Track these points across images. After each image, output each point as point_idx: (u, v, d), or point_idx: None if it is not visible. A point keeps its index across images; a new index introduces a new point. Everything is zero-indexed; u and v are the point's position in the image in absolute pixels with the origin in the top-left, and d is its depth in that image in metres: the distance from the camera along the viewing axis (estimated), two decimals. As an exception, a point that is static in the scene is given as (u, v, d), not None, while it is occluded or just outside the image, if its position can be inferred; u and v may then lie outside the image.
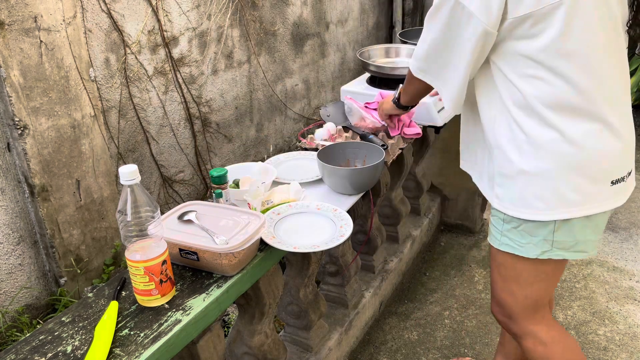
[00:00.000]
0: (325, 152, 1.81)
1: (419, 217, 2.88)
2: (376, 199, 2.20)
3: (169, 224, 1.40)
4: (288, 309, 1.94)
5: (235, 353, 1.69)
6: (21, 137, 2.02)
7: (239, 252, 1.31)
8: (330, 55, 4.17)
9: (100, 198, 2.35)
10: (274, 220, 1.54)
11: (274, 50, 3.50)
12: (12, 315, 2.19)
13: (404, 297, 2.64)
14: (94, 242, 2.36)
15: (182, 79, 2.83)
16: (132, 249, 1.19)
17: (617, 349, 2.28)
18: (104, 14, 2.36)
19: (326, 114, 2.15)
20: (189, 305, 1.24)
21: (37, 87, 2.03)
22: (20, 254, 2.19)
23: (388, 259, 2.53)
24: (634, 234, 3.03)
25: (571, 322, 2.43)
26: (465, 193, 3.02)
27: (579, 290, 2.62)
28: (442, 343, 2.35)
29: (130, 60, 2.53)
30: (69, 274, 2.29)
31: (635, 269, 2.75)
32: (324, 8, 3.95)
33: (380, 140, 1.96)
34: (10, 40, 1.92)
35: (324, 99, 4.19)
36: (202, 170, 3.07)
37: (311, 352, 1.98)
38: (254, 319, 1.60)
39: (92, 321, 1.21)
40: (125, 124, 2.56)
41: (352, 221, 1.53)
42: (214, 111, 3.09)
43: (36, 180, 2.09)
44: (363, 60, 2.31)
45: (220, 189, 1.55)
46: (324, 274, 2.18)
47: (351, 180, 1.70)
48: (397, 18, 5.06)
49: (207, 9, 2.90)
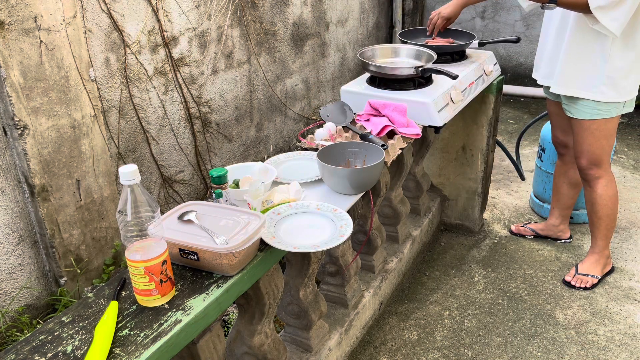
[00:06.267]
0: (325, 152, 1.81)
1: (419, 217, 2.88)
2: (376, 199, 2.20)
3: (169, 224, 1.40)
4: (288, 309, 1.94)
5: (235, 353, 1.69)
6: (21, 137, 2.02)
7: (239, 252, 1.31)
8: (330, 55, 4.17)
9: (100, 198, 2.35)
10: (274, 220, 1.54)
11: (274, 50, 3.50)
12: (12, 315, 2.19)
13: (404, 297, 2.64)
14: (94, 242, 2.36)
15: (182, 79, 2.83)
16: (132, 249, 1.19)
17: (617, 349, 2.28)
18: (104, 14, 2.36)
19: (326, 114, 2.15)
20: (189, 305, 1.24)
21: (37, 87, 2.03)
22: (20, 254, 2.19)
23: (388, 259, 2.53)
24: (634, 234, 3.03)
25: (571, 322, 2.43)
26: (465, 193, 3.02)
27: (579, 290, 2.62)
28: (442, 343, 2.35)
29: (130, 60, 2.53)
30: (69, 274, 2.29)
31: (635, 269, 2.75)
32: (324, 8, 3.96)
33: (380, 140, 1.96)
34: (10, 40, 1.92)
35: (324, 99, 4.20)
36: (202, 170, 3.07)
37: (311, 352, 1.98)
38: (254, 319, 1.60)
39: (92, 321, 1.21)
40: (125, 124, 2.56)
41: (352, 221, 1.53)
42: (214, 111, 3.09)
43: (36, 180, 2.09)
44: (363, 60, 2.31)
45: (220, 189, 1.55)
46: (324, 274, 2.18)
47: (351, 180, 1.70)
48: (397, 18, 5.06)
49: (207, 9, 2.90)
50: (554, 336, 2.36)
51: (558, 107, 2.60)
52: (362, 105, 2.23)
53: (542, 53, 2.54)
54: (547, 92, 2.60)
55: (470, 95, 2.44)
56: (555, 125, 2.72)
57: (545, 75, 2.52)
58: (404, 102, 2.16)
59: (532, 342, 2.33)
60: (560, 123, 2.67)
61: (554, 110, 2.65)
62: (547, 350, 2.29)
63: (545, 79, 2.53)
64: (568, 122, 2.57)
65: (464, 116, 2.81)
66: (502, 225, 3.18)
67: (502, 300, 2.59)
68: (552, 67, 2.45)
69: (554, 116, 2.68)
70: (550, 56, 2.46)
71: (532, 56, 5.06)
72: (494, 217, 3.27)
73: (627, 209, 3.27)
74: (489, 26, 5.24)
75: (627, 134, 4.32)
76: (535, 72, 2.61)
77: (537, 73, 2.59)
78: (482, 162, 2.89)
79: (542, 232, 3.01)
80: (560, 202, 2.90)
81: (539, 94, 4.73)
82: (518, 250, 2.95)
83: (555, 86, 2.43)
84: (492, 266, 2.83)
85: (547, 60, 2.48)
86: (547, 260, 2.85)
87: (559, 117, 2.64)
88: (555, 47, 2.41)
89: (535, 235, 3.03)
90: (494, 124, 2.81)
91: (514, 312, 2.51)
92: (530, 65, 4.95)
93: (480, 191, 2.98)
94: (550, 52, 2.45)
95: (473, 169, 2.93)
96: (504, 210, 3.34)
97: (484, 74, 2.60)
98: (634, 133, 4.34)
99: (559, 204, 2.91)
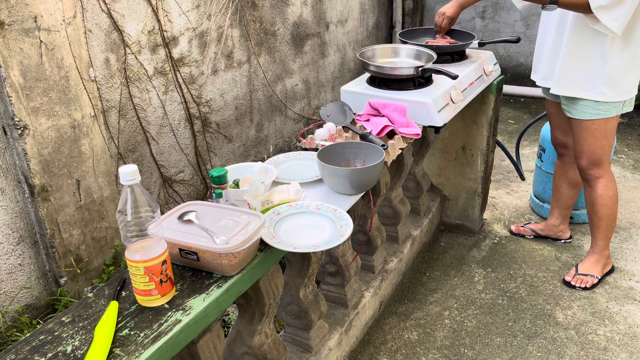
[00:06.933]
0: (325, 152, 1.81)
1: (418, 217, 2.88)
2: (376, 199, 2.20)
3: (169, 224, 1.40)
4: (288, 309, 1.94)
5: (235, 353, 1.69)
6: (21, 137, 2.02)
7: (239, 252, 1.31)
8: (330, 55, 4.18)
9: (100, 198, 2.35)
10: (274, 220, 1.54)
11: (274, 50, 3.50)
12: (12, 315, 2.19)
13: (404, 297, 2.64)
14: (94, 242, 2.36)
15: (182, 79, 2.83)
16: (132, 249, 1.19)
17: (617, 349, 2.28)
18: (104, 14, 2.36)
19: (326, 114, 2.15)
20: (189, 305, 1.24)
21: (37, 87, 2.03)
22: (20, 254, 2.19)
23: (388, 259, 2.53)
24: (634, 234, 3.03)
25: (571, 322, 2.43)
26: (465, 193, 3.02)
27: (579, 290, 2.62)
28: (442, 343, 2.35)
29: (130, 60, 2.53)
30: (69, 274, 2.29)
31: (635, 269, 2.75)
32: (324, 8, 3.96)
33: (380, 140, 1.96)
34: (10, 40, 1.92)
35: (324, 99, 4.20)
36: (202, 170, 3.07)
37: (311, 352, 1.98)
38: (254, 319, 1.60)
39: (92, 321, 1.21)
40: (125, 124, 2.56)
41: (352, 221, 1.53)
42: (214, 111, 3.09)
43: (36, 181, 2.09)
44: (363, 60, 2.31)
45: (220, 189, 1.55)
46: (324, 274, 2.18)
47: (351, 180, 1.70)
48: (397, 18, 5.06)
49: (207, 9, 2.90)
50: (554, 336, 2.36)
51: (557, 108, 2.60)
52: (362, 105, 2.23)
53: (540, 54, 2.54)
54: (546, 92, 2.60)
55: (470, 95, 2.44)
56: (554, 126, 2.72)
57: (544, 77, 2.52)
58: (404, 102, 2.16)
59: (532, 342, 2.33)
60: (559, 123, 2.67)
61: (553, 110, 2.65)
62: (547, 350, 2.29)
63: (545, 80, 2.53)
64: (567, 123, 2.57)
65: (464, 116, 2.81)
66: (502, 225, 3.18)
67: (502, 300, 2.59)
68: (551, 68, 2.45)
69: (553, 117, 2.69)
70: (549, 57, 2.46)
71: (532, 56, 5.05)
72: (494, 217, 3.27)
73: (627, 209, 3.27)
74: (489, 26, 5.24)
75: (627, 134, 4.32)
76: (534, 74, 2.61)
77: (536, 75, 2.59)
78: (482, 162, 2.89)
79: (542, 232, 3.01)
80: (560, 202, 2.90)
81: (539, 94, 4.72)
82: (518, 251, 2.95)
83: (554, 87, 2.43)
84: (492, 266, 2.83)
85: (546, 61, 2.49)
86: (547, 260, 2.85)
87: (558, 118, 2.65)
88: (554, 48, 2.41)
89: (535, 236, 3.03)
90: (494, 124, 2.81)
91: (514, 312, 2.51)
92: (531, 65, 4.95)
93: (480, 191, 2.98)
94: (549, 53, 2.45)
95: (473, 169, 2.94)
96: (504, 210, 3.34)
97: (484, 74, 2.60)
98: (634, 133, 4.35)
99: (559, 204, 2.91)
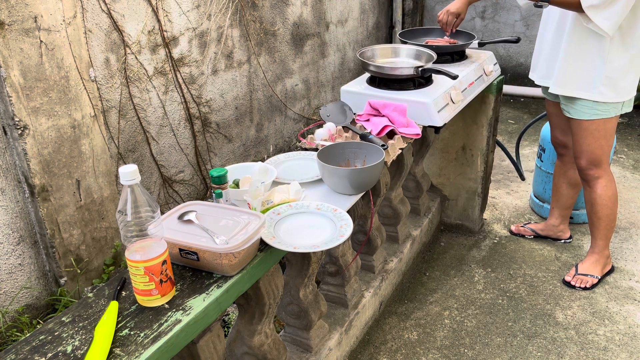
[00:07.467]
0: (325, 152, 1.81)
1: (418, 217, 2.88)
2: (376, 199, 2.20)
3: (169, 224, 1.40)
4: (288, 309, 1.94)
5: (235, 353, 1.69)
6: (21, 137, 2.02)
7: (239, 252, 1.31)
8: (330, 56, 4.18)
9: (100, 198, 2.35)
10: (274, 220, 1.54)
11: (274, 50, 3.50)
12: (12, 315, 2.19)
13: (404, 297, 2.64)
14: (94, 242, 2.36)
15: (182, 79, 2.83)
16: (132, 249, 1.19)
17: (617, 349, 2.28)
18: (104, 14, 2.36)
19: (326, 114, 2.15)
20: (189, 305, 1.24)
21: (37, 87, 2.03)
22: (20, 254, 2.19)
23: (388, 259, 2.53)
24: (634, 234, 3.03)
25: (571, 322, 2.43)
26: (465, 193, 3.02)
27: (579, 290, 2.62)
28: (442, 343, 2.35)
29: (130, 61, 2.53)
30: (69, 274, 2.29)
31: (635, 269, 2.75)
32: (324, 8, 3.96)
33: (380, 140, 1.96)
34: (10, 40, 1.92)
35: (324, 99, 4.20)
36: (202, 170, 3.07)
37: (311, 352, 1.98)
38: (254, 319, 1.60)
39: (92, 321, 1.21)
40: (125, 124, 2.56)
41: (352, 221, 1.53)
42: (214, 111, 3.09)
43: (36, 181, 2.09)
44: (363, 60, 2.31)
45: (220, 189, 1.55)
46: (324, 274, 2.18)
47: (351, 180, 1.70)
48: (397, 18, 5.07)
49: (207, 9, 2.90)
50: (554, 336, 2.36)
51: (557, 108, 2.60)
52: (362, 105, 2.23)
53: (539, 53, 2.54)
54: (546, 92, 2.60)
55: (470, 95, 2.44)
56: (554, 126, 2.72)
57: (543, 76, 2.52)
58: (404, 102, 2.16)
59: (532, 342, 2.33)
60: (559, 123, 2.67)
61: (553, 110, 2.65)
62: (547, 350, 2.29)
63: (543, 80, 2.53)
64: (567, 123, 2.57)
65: (464, 116, 2.81)
66: (502, 225, 3.18)
67: (502, 300, 2.59)
68: (551, 68, 2.45)
69: (552, 116, 2.69)
70: (548, 56, 2.46)
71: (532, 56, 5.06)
72: (494, 217, 3.27)
73: (627, 209, 3.27)
74: (489, 26, 5.24)
75: (627, 134, 4.32)
76: (532, 73, 2.61)
77: (534, 73, 2.59)
78: (482, 162, 2.89)
79: (542, 232, 3.01)
80: (560, 202, 2.90)
81: (539, 94, 4.72)
82: (518, 251, 2.95)
83: (553, 86, 2.43)
84: (492, 266, 2.83)
85: (545, 60, 2.49)
86: (547, 260, 2.85)
87: (557, 118, 2.65)
88: (554, 48, 2.41)
89: (535, 235, 3.03)
90: (494, 124, 2.81)
91: (514, 312, 2.51)
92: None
93: (480, 191, 2.98)
94: (548, 53, 2.45)
95: (473, 169, 2.94)
96: (504, 210, 3.34)
97: (484, 74, 2.60)
98: (634, 133, 4.34)
99: (559, 204, 2.91)
